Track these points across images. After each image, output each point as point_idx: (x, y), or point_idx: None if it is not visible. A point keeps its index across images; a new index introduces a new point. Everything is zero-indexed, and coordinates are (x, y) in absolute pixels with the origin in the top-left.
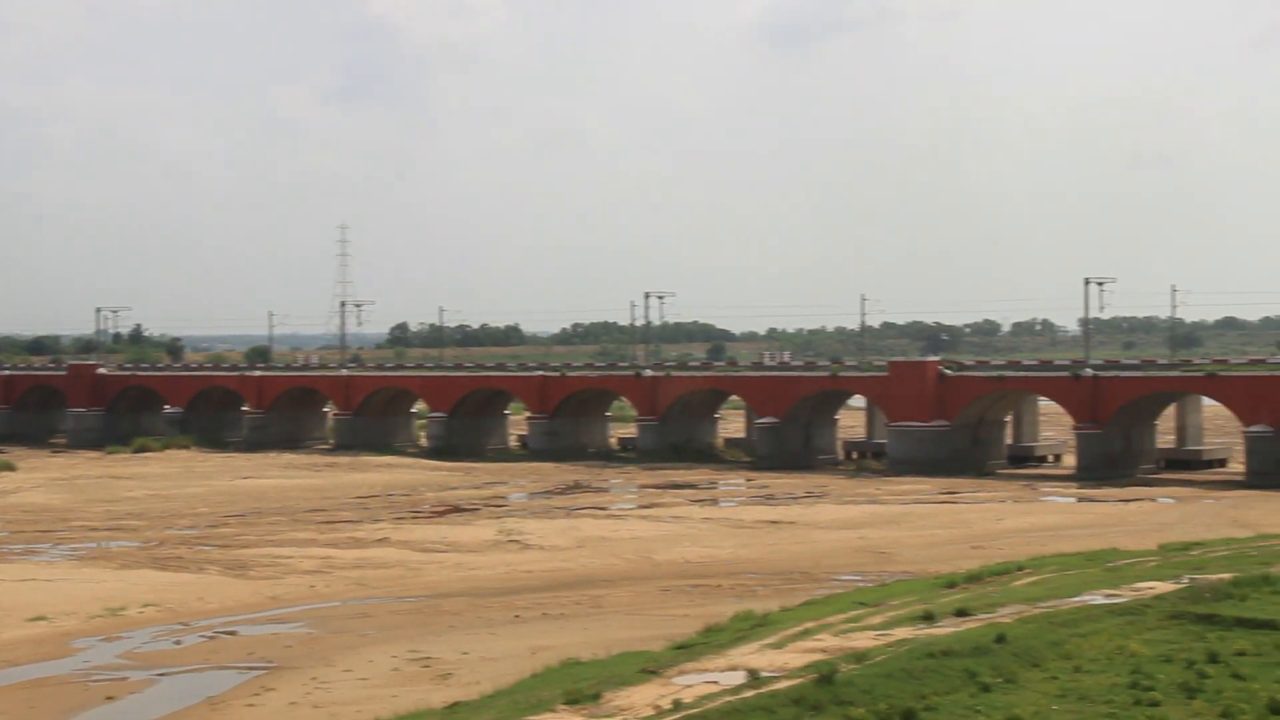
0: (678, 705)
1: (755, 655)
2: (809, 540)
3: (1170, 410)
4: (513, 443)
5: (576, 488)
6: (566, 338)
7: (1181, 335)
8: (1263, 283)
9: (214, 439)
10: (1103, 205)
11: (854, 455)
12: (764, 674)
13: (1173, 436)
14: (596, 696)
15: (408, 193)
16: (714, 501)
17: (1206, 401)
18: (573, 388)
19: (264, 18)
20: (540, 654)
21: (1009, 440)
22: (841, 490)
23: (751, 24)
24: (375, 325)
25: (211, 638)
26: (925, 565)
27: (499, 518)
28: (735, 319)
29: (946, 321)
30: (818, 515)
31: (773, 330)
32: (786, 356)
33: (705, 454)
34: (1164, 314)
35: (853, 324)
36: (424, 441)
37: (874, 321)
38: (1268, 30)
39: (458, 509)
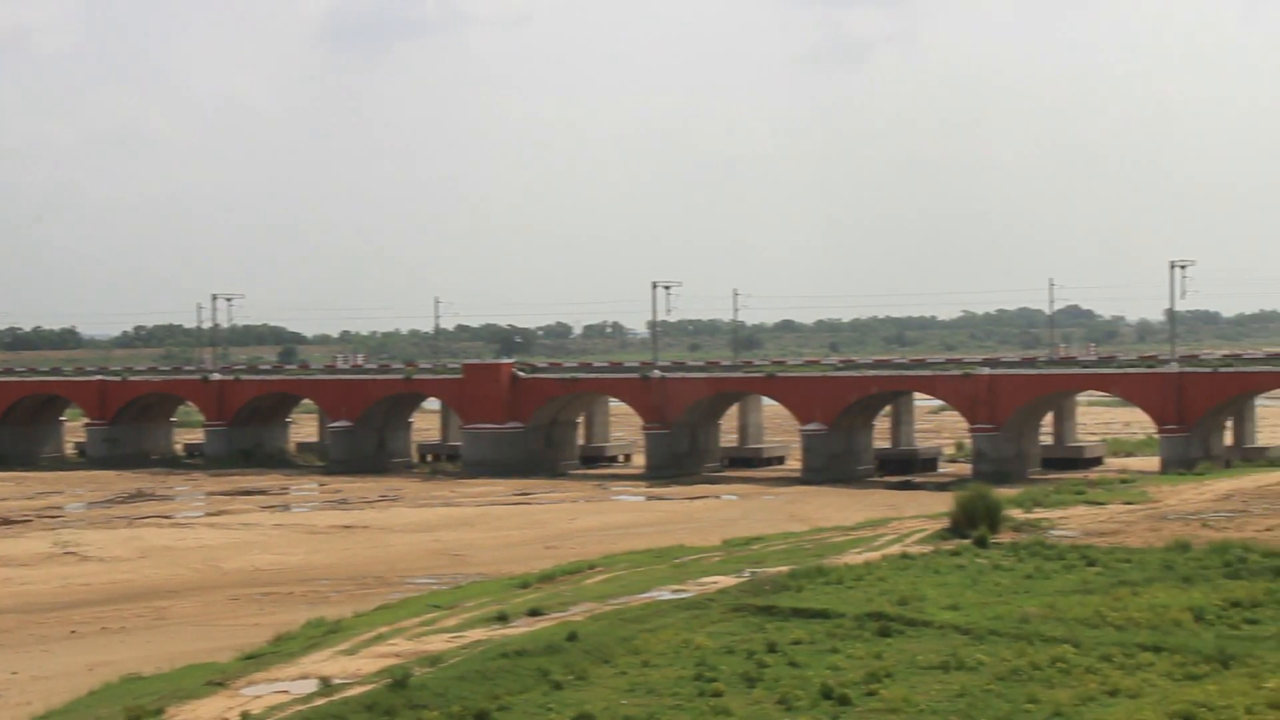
0: (246, 717)
1: (328, 662)
2: (383, 544)
3: (733, 410)
4: (70, 450)
5: (139, 496)
6: (129, 341)
7: (743, 338)
8: (816, 287)
9: None
10: (669, 210)
11: (429, 458)
12: (336, 681)
13: (735, 435)
14: (159, 712)
15: None
16: (285, 507)
17: (766, 401)
18: (135, 393)
19: None
20: (99, 670)
21: (581, 441)
22: (416, 493)
23: (315, 22)
24: None
25: None
26: (500, 566)
27: (53, 529)
28: (307, 321)
29: (520, 324)
30: (392, 519)
31: (345, 333)
32: (360, 359)
33: (277, 459)
34: (727, 317)
35: (427, 326)
36: None
37: (448, 324)
38: (813, 48)
39: (7, 521)
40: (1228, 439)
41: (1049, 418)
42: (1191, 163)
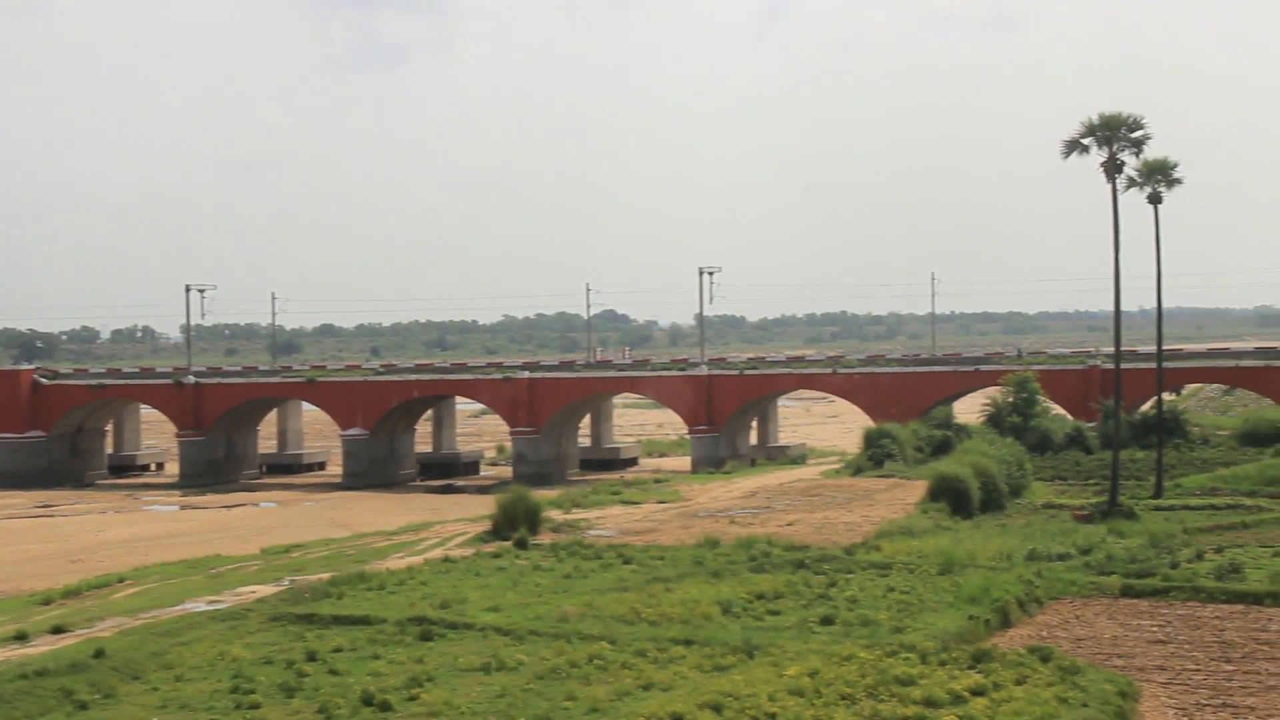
0: None
1: None
2: None
3: (272, 415)
4: None
5: None
6: None
7: (282, 342)
8: (356, 292)
9: None
10: (202, 212)
11: None
12: None
13: (275, 442)
14: None
15: None
16: None
17: (307, 407)
18: None
19: None
20: None
21: (111, 450)
22: None
23: None
24: None
25: None
26: (20, 583)
27: None
28: None
29: (42, 329)
30: None
31: None
32: None
33: None
34: (265, 320)
35: None
36: None
37: None
38: (346, 49)
39: None
40: (753, 438)
41: (587, 420)
42: (717, 174)
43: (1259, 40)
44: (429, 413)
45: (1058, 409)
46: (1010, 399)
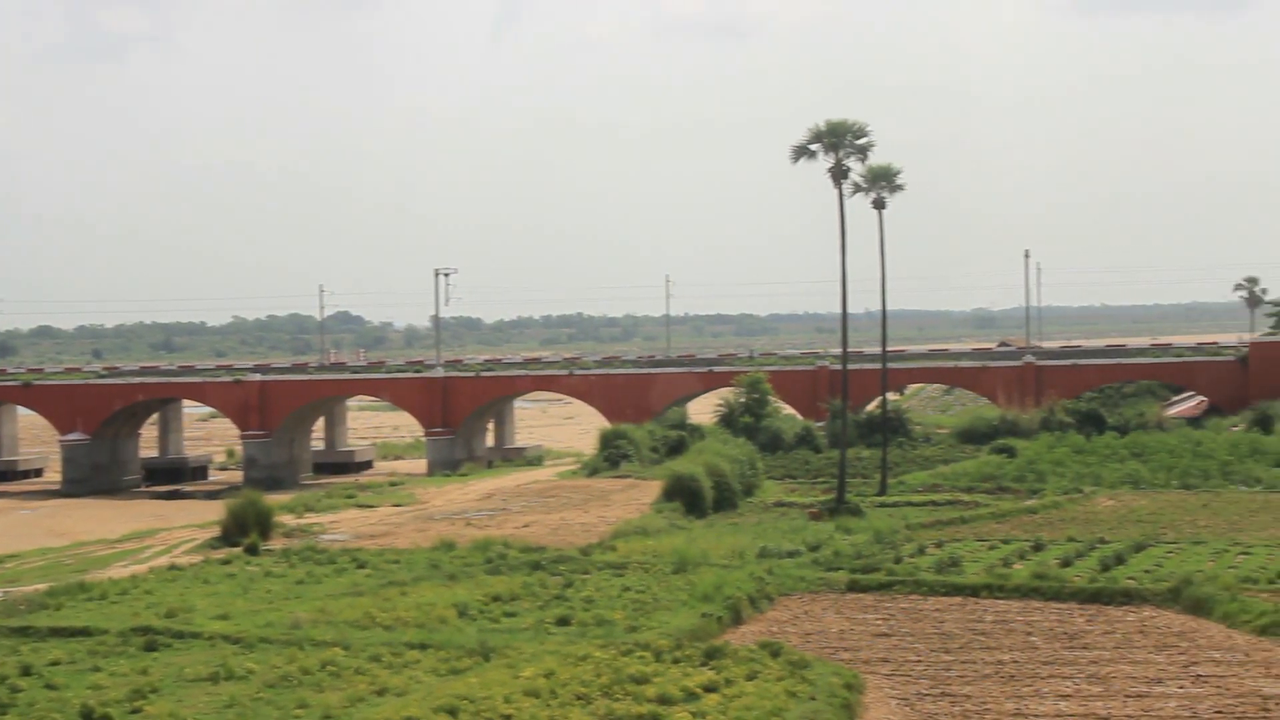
0: None
1: None
2: None
3: None
4: None
5: None
6: None
7: None
8: (75, 292)
9: None
10: None
11: None
12: None
13: None
14: None
15: None
16: None
17: (23, 411)
18: None
19: None
20: None
21: None
22: None
23: None
24: None
25: None
26: None
27: None
28: None
29: None
30: None
31: None
32: None
33: None
34: None
35: None
36: None
37: None
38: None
39: None
40: (490, 440)
41: (321, 423)
42: (453, 175)
43: (979, 49)
44: (155, 417)
45: (788, 409)
46: (743, 399)
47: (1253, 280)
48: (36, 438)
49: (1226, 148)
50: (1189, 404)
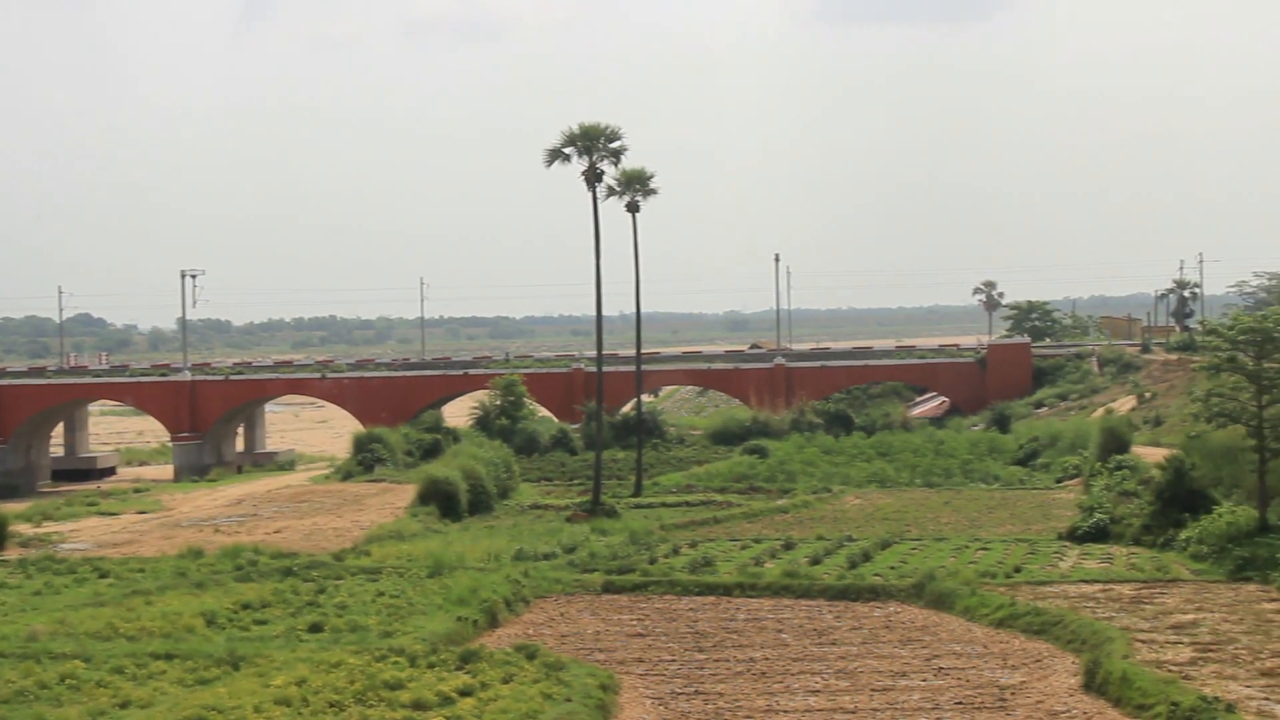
0: None
1: None
2: None
3: None
4: None
5: None
6: None
7: None
8: None
9: None
10: None
11: None
12: None
13: None
14: None
15: None
16: None
17: None
18: None
19: None
20: None
21: None
22: None
23: None
24: None
25: None
26: None
27: None
28: None
29: None
30: None
31: None
32: None
33: None
34: None
35: None
36: None
37: None
38: None
39: None
40: (240, 445)
41: (60, 428)
42: (199, 174)
43: (730, 55)
44: None
45: (544, 411)
46: (498, 402)
47: (990, 284)
48: None
49: (967, 156)
50: (932, 404)
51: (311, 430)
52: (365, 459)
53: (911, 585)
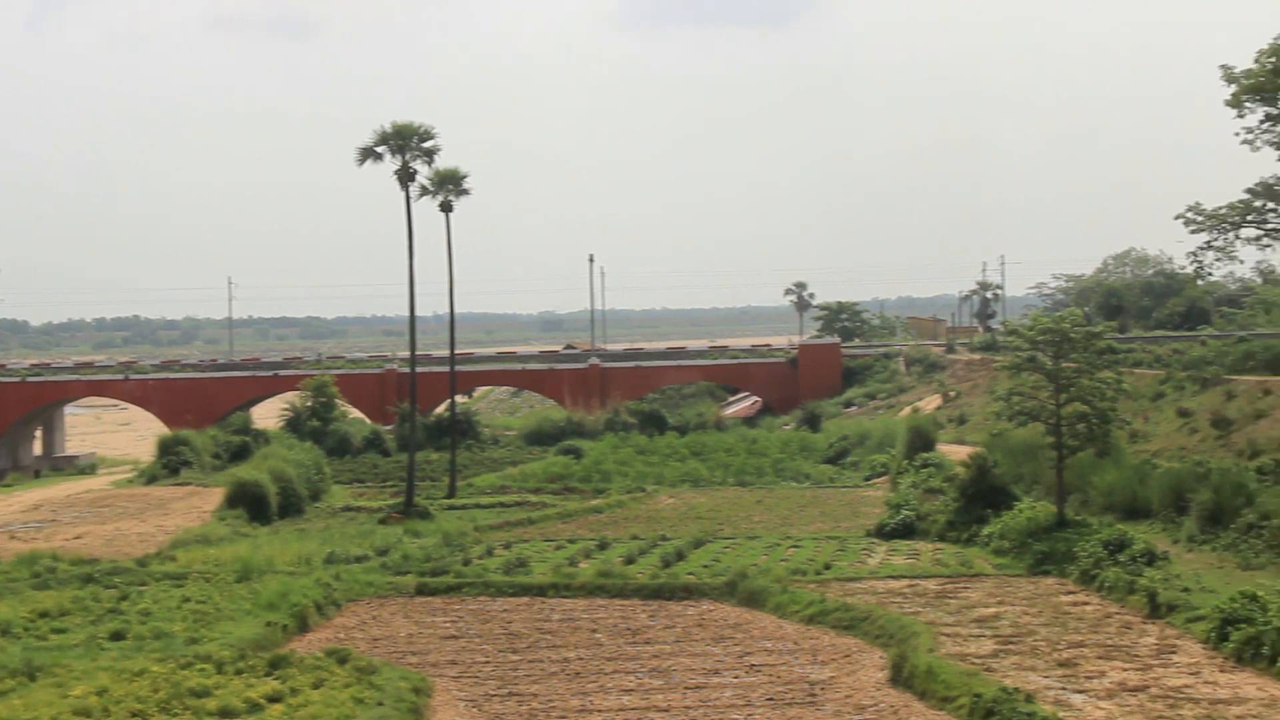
0: None
1: None
2: None
3: None
4: None
5: None
6: None
7: None
8: None
9: None
10: None
11: None
12: None
13: None
14: None
15: None
16: None
17: None
18: None
19: None
20: None
21: None
22: None
23: None
24: None
25: None
26: None
27: None
28: None
29: None
30: None
31: None
32: None
33: None
34: None
35: None
36: None
37: None
38: None
39: None
40: (37, 448)
41: None
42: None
43: (542, 56)
44: None
45: (356, 413)
46: (309, 404)
47: (801, 285)
48: None
49: (779, 157)
50: (745, 404)
51: (114, 433)
52: (171, 462)
53: (724, 583)
